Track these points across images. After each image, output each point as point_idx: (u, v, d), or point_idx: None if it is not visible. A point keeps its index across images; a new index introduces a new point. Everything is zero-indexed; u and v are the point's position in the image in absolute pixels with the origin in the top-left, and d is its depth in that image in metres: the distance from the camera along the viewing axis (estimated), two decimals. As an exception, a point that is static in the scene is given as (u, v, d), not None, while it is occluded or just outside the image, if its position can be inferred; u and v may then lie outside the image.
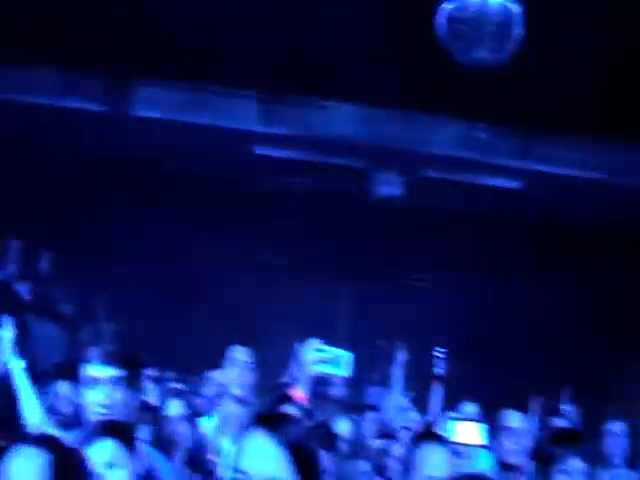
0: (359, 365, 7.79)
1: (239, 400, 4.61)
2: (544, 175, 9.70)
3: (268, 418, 1.89)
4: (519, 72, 7.25)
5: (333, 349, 4.47)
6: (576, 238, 10.31)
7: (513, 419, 4.35)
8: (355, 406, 6.82)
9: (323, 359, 4.39)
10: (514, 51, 5.32)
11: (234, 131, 9.42)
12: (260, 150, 9.64)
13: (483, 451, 4.80)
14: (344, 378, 6.59)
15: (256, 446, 1.82)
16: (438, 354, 6.08)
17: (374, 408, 6.48)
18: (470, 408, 5.92)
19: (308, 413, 4.03)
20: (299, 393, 4.26)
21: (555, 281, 10.35)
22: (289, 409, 3.82)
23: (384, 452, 5.21)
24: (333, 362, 4.45)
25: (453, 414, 5.11)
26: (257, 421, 1.87)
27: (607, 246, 10.26)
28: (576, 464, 3.26)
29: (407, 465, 3.43)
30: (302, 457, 1.83)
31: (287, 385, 4.45)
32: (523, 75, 7.62)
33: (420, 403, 6.45)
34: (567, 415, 6.51)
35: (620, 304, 10.49)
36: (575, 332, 10.51)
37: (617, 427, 5.10)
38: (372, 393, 8.12)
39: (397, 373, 6.47)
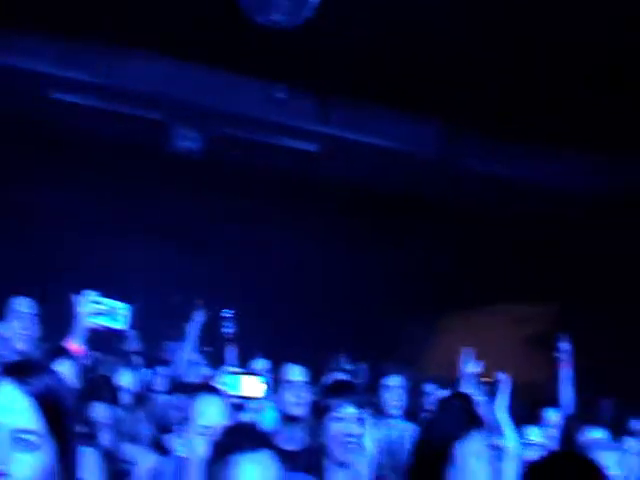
0: (155, 319, 7.75)
1: (21, 353, 4.46)
2: (341, 140, 9.93)
3: (15, 367, 1.82)
4: (320, 36, 7.37)
5: (110, 301, 4.38)
6: (372, 204, 10.65)
7: (295, 373, 4.52)
8: (146, 359, 6.82)
9: (99, 311, 4.30)
10: (310, 15, 5.40)
11: (30, 72, 8.96)
12: (57, 94, 9.23)
13: (266, 403, 4.95)
14: (133, 331, 6.55)
15: (2, 397, 1.77)
16: (226, 314, 6.19)
17: (166, 362, 6.49)
18: (261, 363, 6.10)
19: (84, 365, 3.97)
20: (75, 345, 4.17)
21: (350, 244, 10.70)
22: (63, 362, 3.75)
23: (169, 405, 5.24)
24: (110, 314, 4.37)
25: (236, 368, 5.22)
26: (4, 371, 1.81)
27: (402, 214, 10.66)
28: (349, 410, 3.40)
29: (185, 416, 3.49)
30: (52, 408, 1.79)
31: (64, 337, 4.34)
32: (324, 39, 7.75)
33: (215, 358, 6.54)
34: (350, 370, 6.82)
35: (410, 270, 10.98)
36: (367, 294, 10.93)
37: (395, 381, 5.35)
38: (167, 348, 8.10)
39: (192, 329, 6.49)
